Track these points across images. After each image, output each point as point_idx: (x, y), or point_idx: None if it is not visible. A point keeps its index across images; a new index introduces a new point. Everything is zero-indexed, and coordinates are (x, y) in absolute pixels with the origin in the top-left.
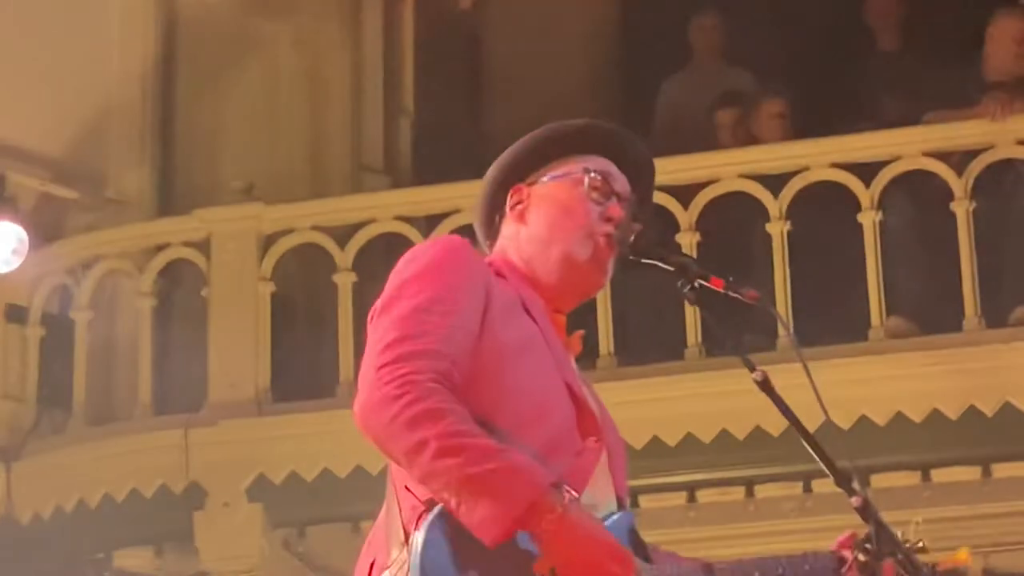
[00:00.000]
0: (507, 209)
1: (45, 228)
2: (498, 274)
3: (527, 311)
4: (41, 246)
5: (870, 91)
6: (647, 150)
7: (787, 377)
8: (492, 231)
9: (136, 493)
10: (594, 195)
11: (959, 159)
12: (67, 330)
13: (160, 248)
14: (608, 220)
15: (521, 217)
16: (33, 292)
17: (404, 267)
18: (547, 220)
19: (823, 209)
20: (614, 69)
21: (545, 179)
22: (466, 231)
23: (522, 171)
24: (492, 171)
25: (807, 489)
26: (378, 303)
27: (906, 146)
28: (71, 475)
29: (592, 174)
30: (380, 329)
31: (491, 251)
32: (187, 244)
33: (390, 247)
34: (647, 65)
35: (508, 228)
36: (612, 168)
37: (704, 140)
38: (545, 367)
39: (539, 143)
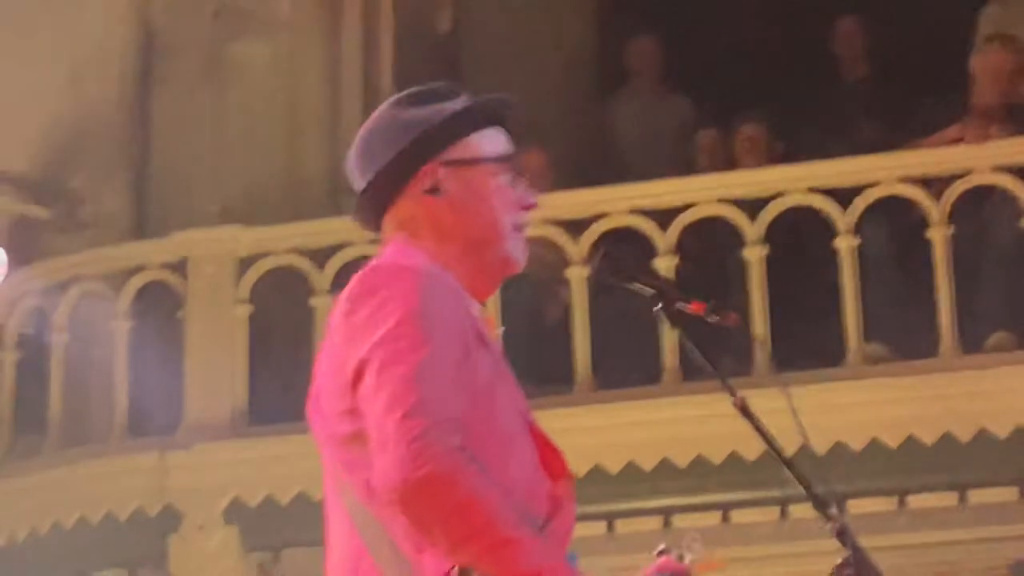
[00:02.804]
0: (417, 190)
1: (20, 249)
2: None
3: (480, 337)
4: (16, 267)
5: (840, 116)
6: (520, 109)
7: (761, 402)
8: (380, 204)
9: (111, 516)
10: (508, 180)
11: (940, 186)
12: (43, 352)
13: (137, 270)
14: (524, 208)
15: (440, 206)
16: (8, 314)
17: (384, 303)
18: (475, 218)
19: (800, 234)
20: (592, 94)
21: (454, 160)
22: None
23: (425, 152)
24: (394, 152)
25: (783, 514)
26: (375, 353)
27: (883, 172)
28: (46, 497)
29: (506, 165)
30: (390, 388)
31: (376, 222)
32: (164, 266)
33: None
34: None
35: (421, 212)
36: (506, 140)
37: (644, 166)
38: (508, 404)
39: (443, 123)
